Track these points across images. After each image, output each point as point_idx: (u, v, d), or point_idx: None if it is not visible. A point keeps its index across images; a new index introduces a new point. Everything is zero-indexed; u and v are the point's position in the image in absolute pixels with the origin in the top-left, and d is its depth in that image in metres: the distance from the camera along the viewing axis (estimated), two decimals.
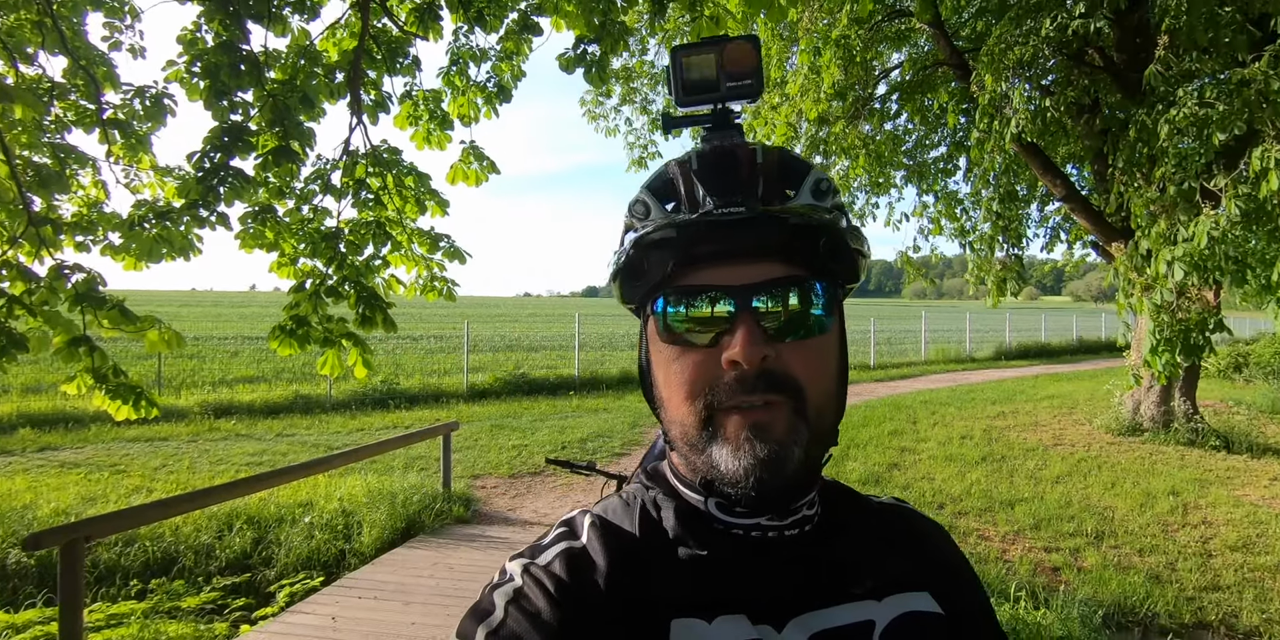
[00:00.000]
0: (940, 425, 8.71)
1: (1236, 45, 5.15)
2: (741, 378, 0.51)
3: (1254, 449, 7.55)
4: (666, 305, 0.54)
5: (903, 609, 0.54)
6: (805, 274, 0.53)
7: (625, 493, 0.62)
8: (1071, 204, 7.61)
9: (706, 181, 0.53)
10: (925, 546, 0.62)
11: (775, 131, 6.58)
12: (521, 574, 0.54)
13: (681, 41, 7.30)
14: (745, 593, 0.52)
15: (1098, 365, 17.74)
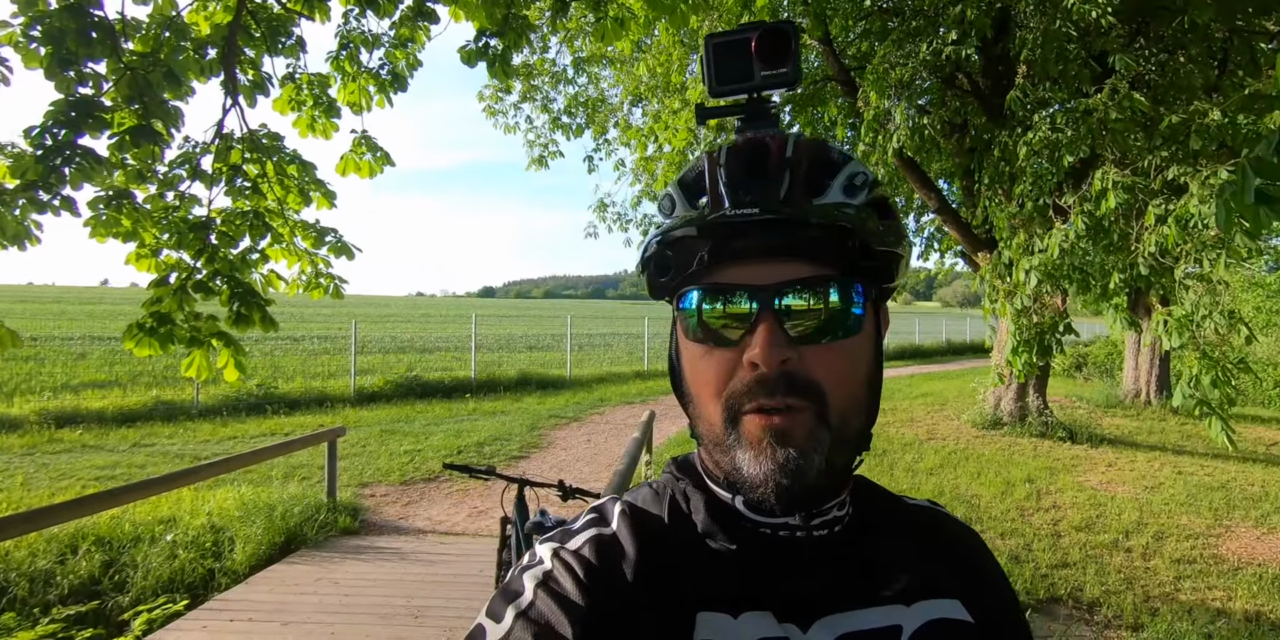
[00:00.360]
0: None
1: (1081, 78, 5.76)
2: (761, 380, 0.50)
3: (1093, 439, 8.47)
4: (692, 303, 0.53)
5: (931, 616, 0.53)
6: (834, 274, 0.51)
7: (655, 483, 0.62)
8: (944, 216, 8.24)
9: (730, 178, 0.52)
10: (958, 552, 0.61)
11: (676, 136, 6.70)
12: (551, 557, 0.54)
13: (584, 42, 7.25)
14: (772, 591, 0.52)
15: (964, 365, 19.30)
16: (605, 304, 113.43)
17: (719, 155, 0.55)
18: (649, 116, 7.79)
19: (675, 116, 6.85)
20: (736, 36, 0.59)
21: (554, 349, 19.96)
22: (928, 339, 24.93)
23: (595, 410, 10.47)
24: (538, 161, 9.42)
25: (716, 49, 0.60)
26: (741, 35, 0.59)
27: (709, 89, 0.61)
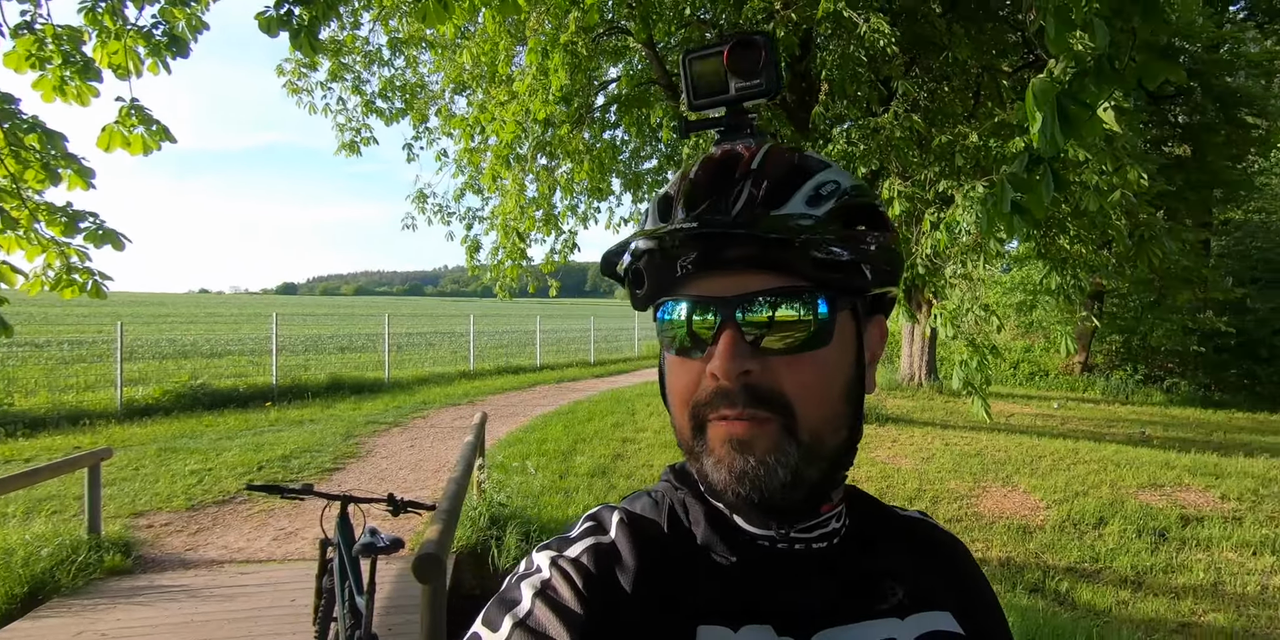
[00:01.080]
0: (656, 415, 9.48)
1: (871, 98, 6.47)
2: (721, 391, 0.50)
3: (880, 419, 9.61)
4: (665, 314, 0.54)
5: (925, 629, 0.54)
6: (803, 285, 0.51)
7: (654, 491, 0.62)
8: None
9: (690, 191, 0.53)
10: (948, 564, 0.62)
11: (505, 128, 6.50)
12: (550, 566, 0.53)
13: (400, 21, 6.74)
14: (771, 603, 0.51)
15: None
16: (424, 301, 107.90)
17: (690, 169, 0.55)
18: (474, 107, 7.48)
19: (503, 109, 6.65)
20: (711, 51, 0.60)
21: (369, 350, 18.62)
22: None
23: (418, 414, 9.91)
24: (349, 147, 8.68)
25: (693, 64, 0.61)
26: (715, 49, 0.60)
27: (688, 104, 0.62)
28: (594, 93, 8.68)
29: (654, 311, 0.56)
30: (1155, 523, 5.67)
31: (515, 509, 5.09)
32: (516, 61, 7.28)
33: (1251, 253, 14.70)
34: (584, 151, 7.57)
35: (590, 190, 9.28)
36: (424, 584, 2.07)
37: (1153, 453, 8.03)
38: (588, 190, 9.27)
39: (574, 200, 9.49)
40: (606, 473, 6.62)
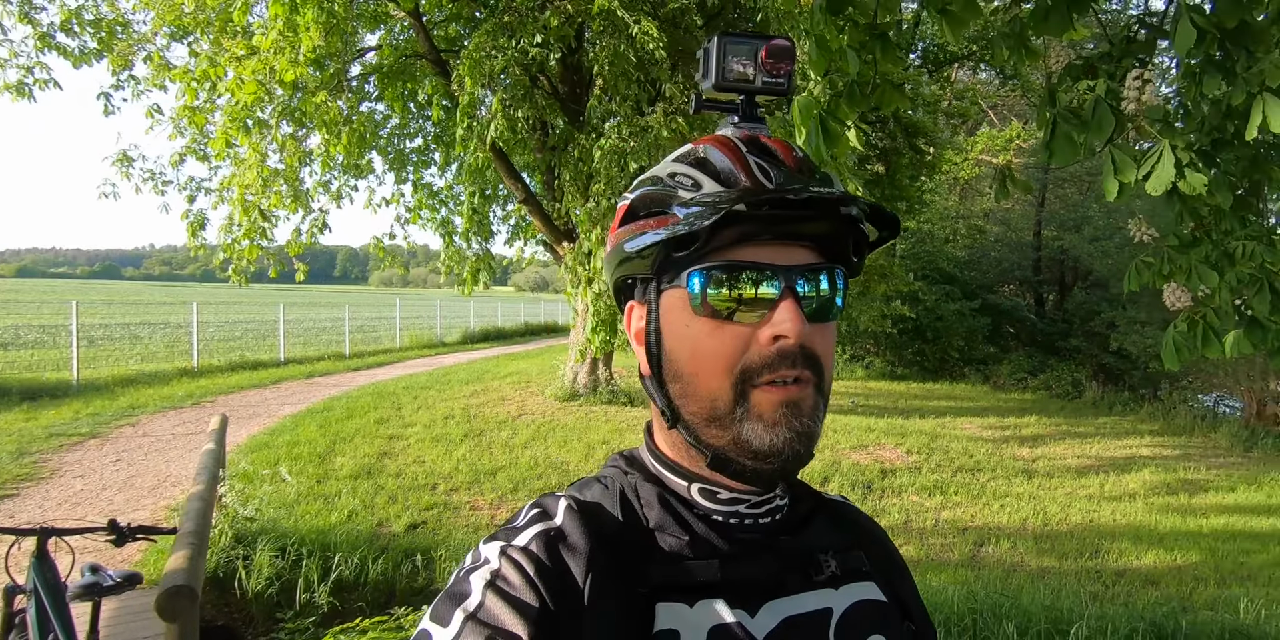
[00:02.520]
0: (424, 408, 9.03)
1: (641, 98, 6.81)
2: (785, 352, 0.52)
3: (645, 402, 10.21)
4: (709, 281, 0.54)
5: (856, 598, 0.58)
6: (830, 261, 0.56)
7: (602, 477, 0.63)
8: (528, 207, 8.83)
9: (769, 163, 0.55)
10: (869, 540, 0.66)
11: (243, 88, 5.61)
12: (499, 556, 0.52)
13: None
14: (723, 578, 0.53)
15: (542, 344, 21.19)
16: (123, 286, 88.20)
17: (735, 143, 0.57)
18: (201, 58, 6.36)
19: (239, 64, 5.73)
20: (746, 41, 0.63)
21: (46, 345, 14.99)
22: (508, 321, 26.57)
23: (125, 421, 8.23)
24: (17, 90, 6.84)
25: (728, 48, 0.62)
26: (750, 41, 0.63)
27: (713, 83, 0.63)
28: (351, 59, 7.91)
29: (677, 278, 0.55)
30: (863, 477, 6.86)
31: (266, 522, 4.51)
32: (258, 12, 6.35)
33: (921, 255, 18.34)
34: (341, 123, 6.87)
35: (346, 166, 8.48)
36: (171, 622, 1.74)
37: (859, 419, 9.68)
38: (343, 166, 8.46)
39: (326, 176, 8.61)
40: (373, 473, 6.16)
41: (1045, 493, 6.88)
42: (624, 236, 0.58)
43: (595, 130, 7.15)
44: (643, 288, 0.59)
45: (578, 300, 6.92)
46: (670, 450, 0.60)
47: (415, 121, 9.13)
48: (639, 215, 0.58)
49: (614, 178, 6.57)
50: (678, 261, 0.56)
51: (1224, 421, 10.71)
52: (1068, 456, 8.48)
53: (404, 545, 4.56)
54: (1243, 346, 2.52)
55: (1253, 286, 2.59)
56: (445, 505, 5.48)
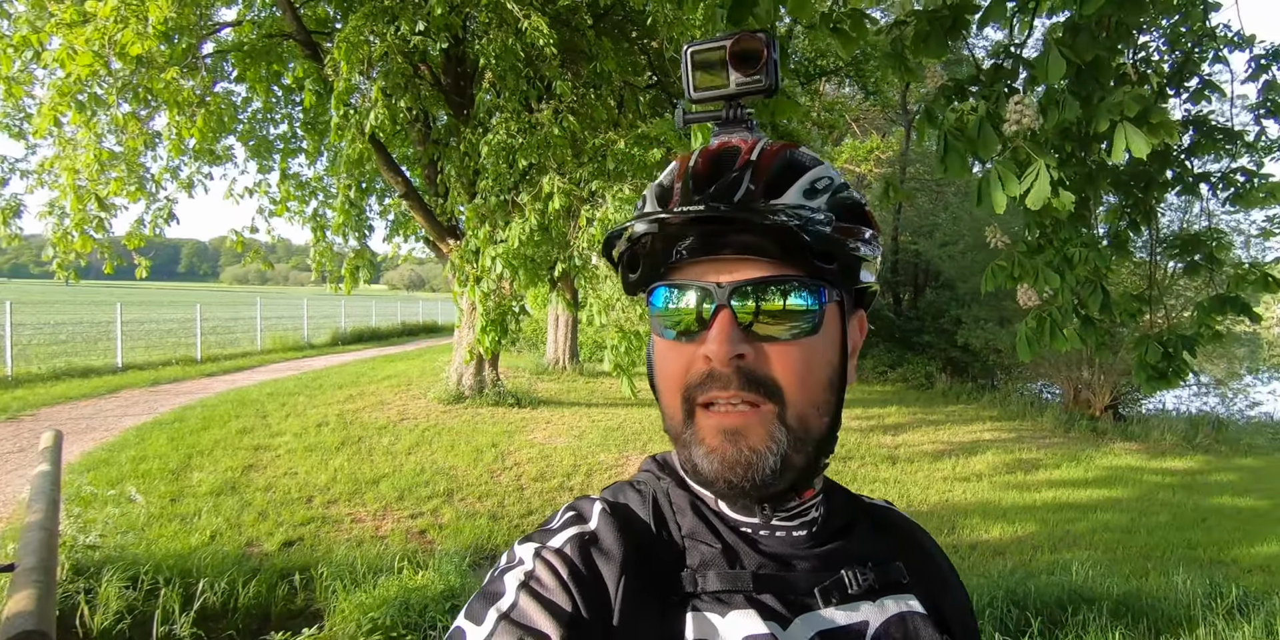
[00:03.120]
0: (294, 416, 8.38)
1: (530, 94, 6.69)
2: (714, 374, 0.51)
3: (534, 402, 10.10)
4: (659, 299, 0.55)
5: (894, 611, 0.57)
6: (796, 275, 0.53)
7: (636, 481, 0.62)
8: (410, 201, 8.43)
9: (691, 179, 0.54)
10: (913, 549, 0.64)
11: (75, 59, 4.92)
12: (533, 557, 0.53)
13: None
14: (756, 589, 0.53)
15: (421, 345, 20.32)
16: None
17: (689, 158, 0.56)
18: (18, 22, 5.50)
19: (70, 32, 5.01)
20: (714, 45, 0.61)
21: None
22: (383, 321, 25.25)
23: None
24: None
25: (695, 57, 0.61)
26: (718, 44, 0.60)
27: (688, 95, 0.63)
28: (206, 34, 7.19)
29: (647, 296, 0.57)
30: None
31: (112, 550, 4.01)
32: None
33: None
34: (196, 104, 6.22)
35: (200, 151, 7.70)
36: None
37: None
38: (196, 151, 7.68)
39: (176, 162, 7.77)
40: (238, 488, 5.64)
41: (907, 476, 7.49)
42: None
43: (482, 125, 6.95)
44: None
45: (464, 299, 6.69)
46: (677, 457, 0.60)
47: (282, 106, 8.44)
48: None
49: (502, 174, 6.41)
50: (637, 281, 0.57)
51: (1048, 407, 12.16)
52: (924, 443, 9.29)
53: (278, 565, 4.22)
54: (1074, 341, 2.87)
55: (1087, 288, 2.95)
56: (323, 519, 5.13)
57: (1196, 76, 3.07)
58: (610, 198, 5.99)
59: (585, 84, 7.34)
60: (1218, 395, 12.35)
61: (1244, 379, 12.48)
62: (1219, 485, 7.71)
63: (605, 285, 6.43)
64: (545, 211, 5.91)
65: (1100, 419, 11.06)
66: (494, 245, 6.00)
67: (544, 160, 6.38)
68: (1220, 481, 7.89)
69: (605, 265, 6.31)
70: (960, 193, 14.70)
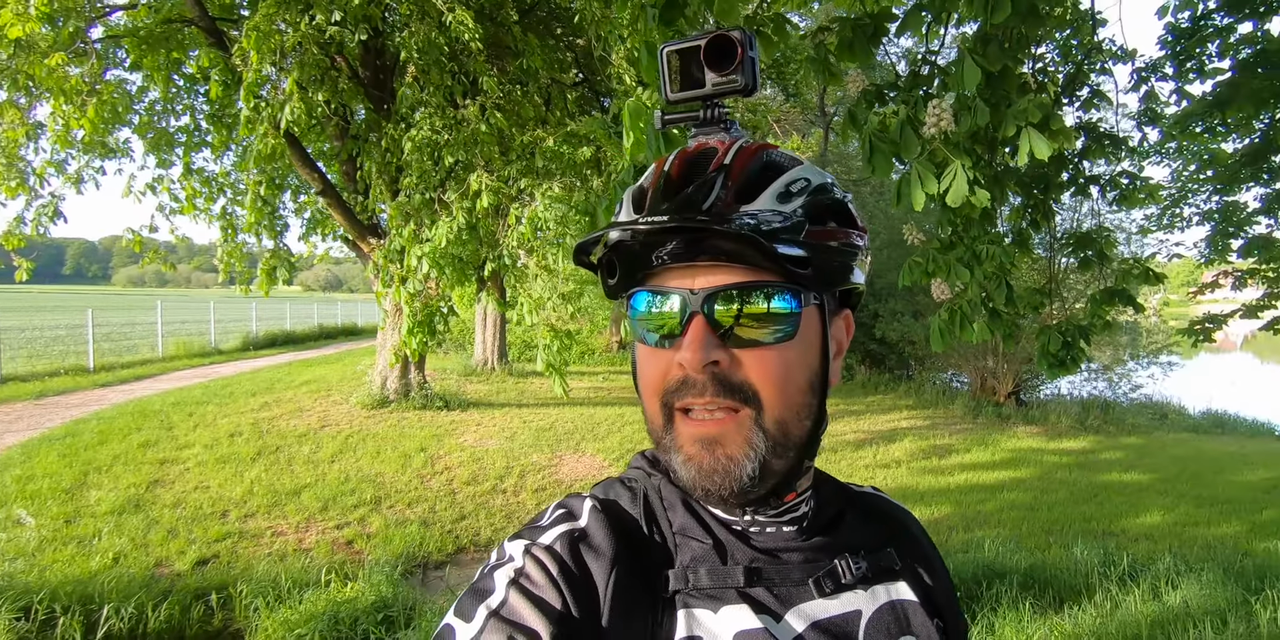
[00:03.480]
0: (203, 426, 7.88)
1: (455, 90, 6.54)
2: (686, 380, 0.51)
3: (463, 405, 9.89)
4: (638, 305, 0.55)
5: (885, 599, 0.58)
6: (772, 279, 0.52)
7: (626, 478, 0.62)
8: (328, 199, 8.08)
9: (663, 185, 0.54)
10: (901, 536, 0.65)
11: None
12: (523, 554, 0.52)
13: None
14: (747, 584, 0.53)
15: (340, 348, 19.53)
16: None
17: (666, 161, 0.56)
18: None
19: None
20: (689, 44, 0.60)
21: None
22: (299, 324, 24.09)
23: None
24: None
25: (670, 57, 0.61)
26: (694, 43, 0.60)
27: (665, 97, 0.62)
28: (94, 17, 6.65)
29: (626, 301, 0.57)
30: None
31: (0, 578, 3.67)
32: None
33: None
34: (85, 93, 5.76)
35: (90, 143, 7.13)
36: None
37: None
38: (85, 143, 7.10)
39: (62, 154, 7.18)
40: (143, 505, 5.26)
41: (832, 466, 7.78)
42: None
43: (405, 120, 6.73)
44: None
45: (388, 300, 6.47)
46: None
47: (184, 97, 7.92)
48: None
49: (427, 171, 6.24)
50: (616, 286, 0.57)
51: (958, 395, 12.89)
52: (846, 432, 9.67)
53: (192, 585, 3.98)
54: (984, 333, 3.06)
55: (994, 282, 3.16)
56: (241, 534, 4.86)
57: (1087, 86, 3.33)
58: (540, 196, 5.94)
59: (512, 80, 7.24)
60: (1105, 380, 13.42)
61: (1127, 364, 13.60)
62: (1108, 462, 8.39)
63: (536, 284, 6.36)
64: (473, 210, 5.80)
65: (1005, 405, 11.82)
66: (420, 244, 5.84)
67: (471, 157, 6.26)
68: (1109, 459, 8.59)
69: (535, 263, 6.26)
70: (876, 192, 15.34)
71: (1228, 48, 5.29)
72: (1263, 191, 6.45)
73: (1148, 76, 4.95)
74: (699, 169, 0.54)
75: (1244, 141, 6.16)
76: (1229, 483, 7.31)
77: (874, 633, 0.55)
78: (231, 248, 8.18)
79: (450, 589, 4.16)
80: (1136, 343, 13.76)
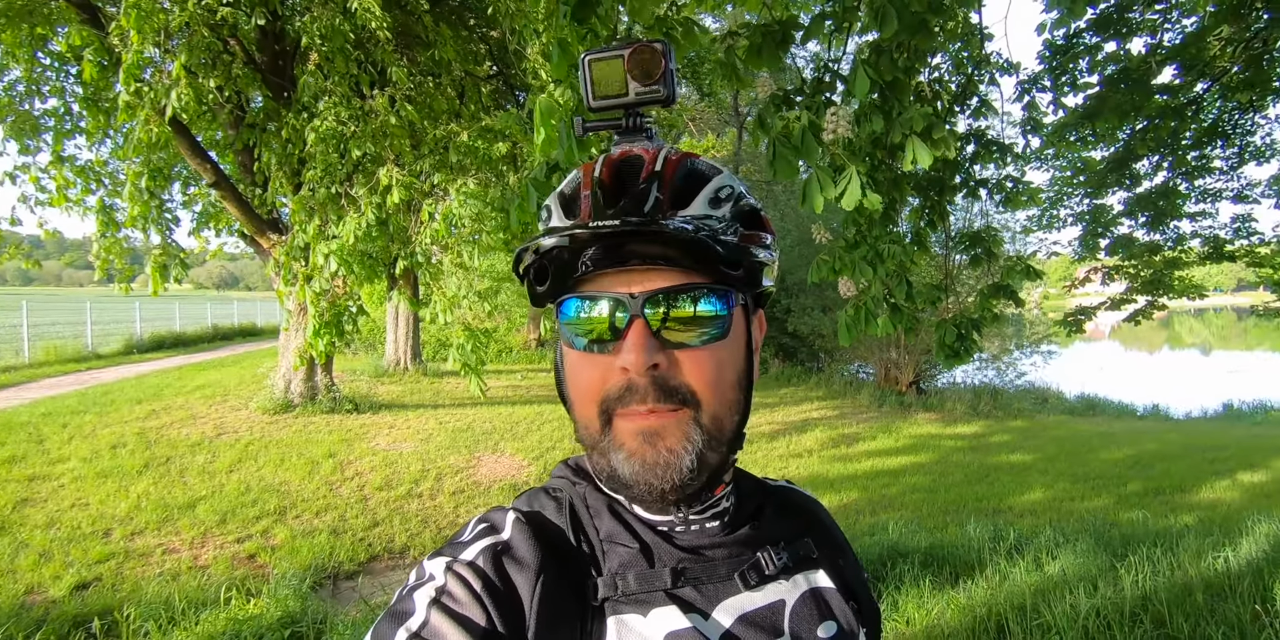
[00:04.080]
0: (80, 438, 7.23)
1: (362, 80, 6.27)
2: (631, 385, 0.52)
3: (374, 407, 9.52)
4: (570, 311, 0.55)
5: (806, 587, 0.60)
6: (704, 281, 0.54)
7: (549, 487, 0.62)
8: (221, 191, 7.58)
9: (599, 190, 0.54)
10: (816, 526, 0.67)
11: None
12: (444, 572, 0.52)
13: None
14: (675, 585, 0.54)
15: (237, 350, 18.36)
16: None
17: (595, 168, 0.56)
18: None
19: None
20: (611, 53, 0.60)
21: None
22: (190, 325, 22.44)
23: None
24: None
25: (593, 65, 0.61)
26: (616, 52, 0.60)
27: (586, 104, 0.62)
28: None
29: (556, 309, 0.57)
30: None
31: None
32: None
33: None
34: None
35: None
36: None
37: None
38: None
39: None
40: (8, 527, 4.78)
41: (748, 457, 8.01)
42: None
43: (307, 109, 6.39)
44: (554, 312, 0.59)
45: (291, 299, 6.14)
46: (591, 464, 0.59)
47: (52, 77, 7.22)
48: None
49: (333, 164, 5.96)
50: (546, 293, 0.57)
51: (865, 385, 13.56)
52: (761, 424, 9.97)
53: (71, 612, 3.65)
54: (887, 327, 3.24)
55: (895, 279, 3.34)
56: (127, 553, 4.50)
57: (976, 96, 3.57)
58: (454, 192, 5.79)
59: (423, 72, 7.01)
60: (994, 369, 14.46)
61: (1013, 354, 14.71)
62: (998, 445, 9.05)
63: (451, 281, 6.20)
64: (383, 205, 5.59)
65: (906, 394, 12.53)
66: (326, 241, 5.57)
67: (380, 150, 6.02)
68: (998, 442, 9.27)
69: (450, 261, 6.10)
70: (788, 191, 15.87)
71: (1096, 64, 5.81)
72: (1125, 196, 7.13)
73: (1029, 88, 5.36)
74: (630, 175, 0.55)
75: (1110, 150, 6.77)
76: (1099, 460, 8.04)
77: (797, 621, 0.57)
78: (110, 243, 7.51)
79: (364, 599, 4.00)
80: (1021, 334, 14.88)
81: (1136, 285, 7.30)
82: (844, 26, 2.52)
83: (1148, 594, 3.04)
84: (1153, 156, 6.59)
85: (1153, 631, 2.77)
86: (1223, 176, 7.30)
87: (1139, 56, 5.63)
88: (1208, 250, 7.16)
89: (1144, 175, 6.90)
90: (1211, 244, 7.21)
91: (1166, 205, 6.79)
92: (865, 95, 1.87)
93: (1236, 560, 3.47)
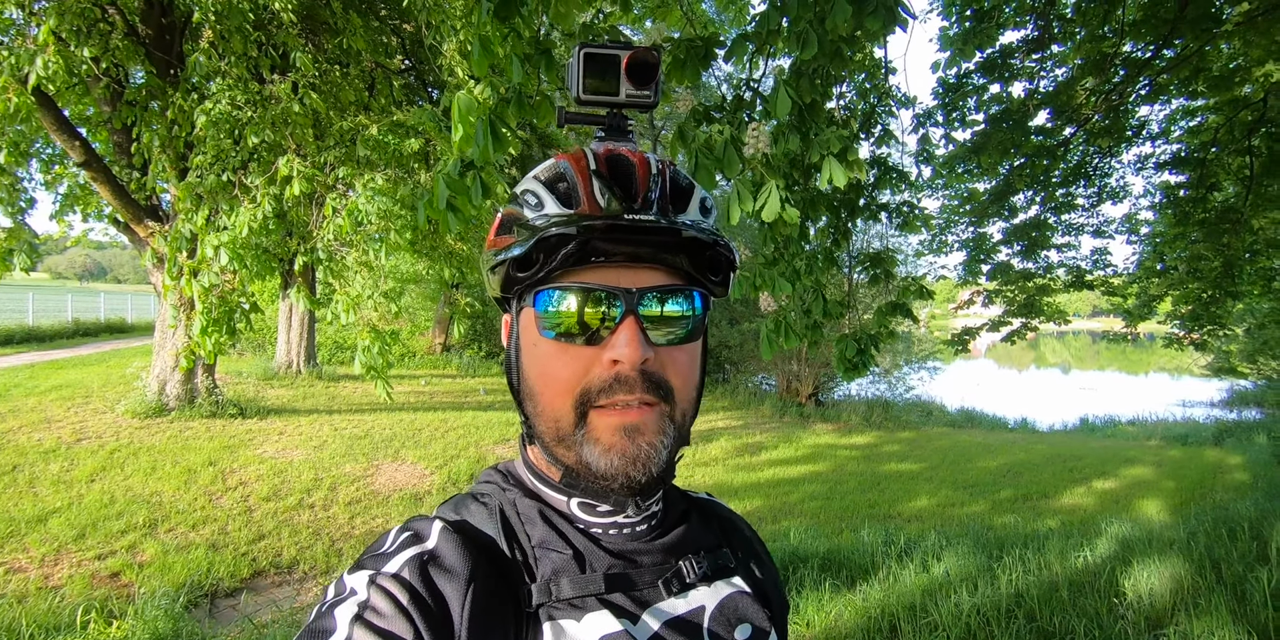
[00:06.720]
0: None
1: (262, 63, 5.89)
2: (622, 377, 0.52)
3: (262, 412, 8.90)
4: (552, 301, 0.54)
5: (724, 592, 0.61)
6: (685, 283, 0.56)
7: (478, 493, 0.61)
8: (93, 173, 6.90)
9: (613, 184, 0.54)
10: (734, 536, 0.69)
11: None
12: (367, 586, 0.49)
13: None
14: (607, 590, 0.54)
15: (102, 348, 16.68)
16: None
17: (588, 160, 0.56)
18: None
19: None
20: (608, 51, 0.61)
21: None
22: (45, 319, 20.20)
23: None
24: None
25: (587, 59, 0.61)
26: (613, 52, 0.61)
27: (575, 97, 0.62)
28: None
29: (529, 297, 0.56)
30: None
31: None
32: None
33: None
34: None
35: None
36: None
37: (498, 414, 9.99)
38: None
39: None
40: None
41: None
42: (488, 250, 0.58)
43: (197, 89, 5.94)
44: (508, 304, 0.59)
45: (174, 294, 5.66)
46: (544, 465, 0.59)
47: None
48: (502, 230, 0.58)
49: (225, 151, 5.55)
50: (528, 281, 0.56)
51: (767, 396, 14.03)
52: None
53: None
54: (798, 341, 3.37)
55: (811, 295, 3.48)
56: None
57: (879, 125, 3.80)
58: (361, 187, 5.53)
59: (330, 60, 6.69)
60: (885, 382, 15.34)
61: (903, 369, 15.66)
62: (888, 454, 9.59)
63: (356, 280, 5.90)
64: (282, 197, 5.26)
65: (806, 405, 13.06)
66: (216, 232, 5.18)
67: (280, 139, 5.67)
68: (889, 451, 9.82)
69: (356, 259, 5.83)
70: None
71: (982, 103, 6.33)
72: (1004, 226, 7.79)
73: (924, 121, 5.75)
74: (627, 173, 0.56)
75: (992, 183, 7.38)
76: (977, 469, 8.68)
77: (716, 625, 0.59)
78: None
79: (247, 618, 3.71)
80: (910, 350, 15.87)
81: (1012, 308, 7.97)
82: (764, 48, 2.62)
83: (1021, 591, 3.30)
84: (1028, 191, 7.25)
85: (1025, 626, 3.00)
86: (1084, 213, 8.15)
87: (1019, 99, 6.18)
88: (1071, 279, 7.94)
89: (1020, 208, 7.58)
90: (1074, 273, 8.00)
91: (1039, 236, 7.48)
92: (785, 115, 1.95)
93: (1093, 558, 3.83)
